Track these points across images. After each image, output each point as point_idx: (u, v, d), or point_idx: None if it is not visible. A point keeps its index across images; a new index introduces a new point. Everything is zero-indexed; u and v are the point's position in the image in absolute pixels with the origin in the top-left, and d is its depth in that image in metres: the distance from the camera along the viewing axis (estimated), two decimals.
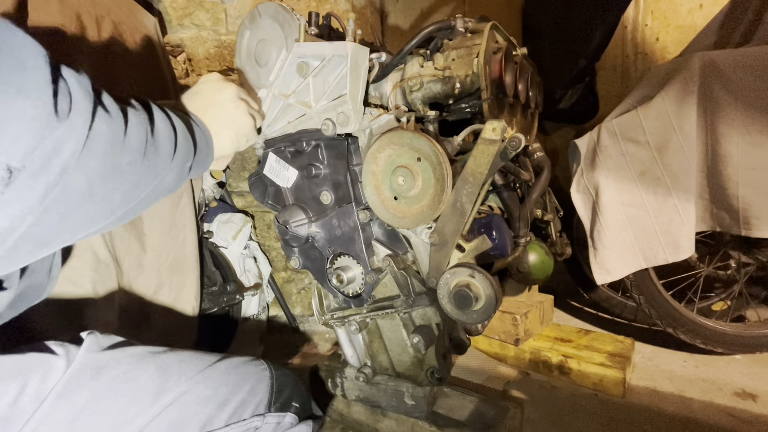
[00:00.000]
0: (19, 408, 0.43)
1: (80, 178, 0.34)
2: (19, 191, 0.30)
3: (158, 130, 0.44)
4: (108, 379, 0.48)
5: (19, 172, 0.30)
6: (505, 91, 0.79)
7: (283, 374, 0.59)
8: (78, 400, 0.46)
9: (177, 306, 1.09)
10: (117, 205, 0.40)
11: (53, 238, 0.35)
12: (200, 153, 0.54)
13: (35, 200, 0.31)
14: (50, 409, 0.44)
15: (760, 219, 1.08)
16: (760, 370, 1.25)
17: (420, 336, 0.76)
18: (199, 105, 0.61)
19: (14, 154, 0.30)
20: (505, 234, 0.82)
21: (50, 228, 0.34)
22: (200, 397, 0.51)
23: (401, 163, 0.70)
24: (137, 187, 0.42)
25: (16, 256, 0.34)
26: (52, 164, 0.32)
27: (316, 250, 0.86)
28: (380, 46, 0.90)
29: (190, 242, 1.12)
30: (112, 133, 0.37)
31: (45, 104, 0.31)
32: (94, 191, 0.36)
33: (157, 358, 0.53)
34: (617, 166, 1.22)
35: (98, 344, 0.51)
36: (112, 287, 0.91)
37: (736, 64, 1.08)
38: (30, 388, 0.44)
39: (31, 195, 0.31)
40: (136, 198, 0.42)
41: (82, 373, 0.47)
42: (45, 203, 0.32)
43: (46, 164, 0.31)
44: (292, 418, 0.55)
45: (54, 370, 0.46)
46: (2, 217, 0.30)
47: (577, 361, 1.21)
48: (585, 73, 1.79)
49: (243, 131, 0.65)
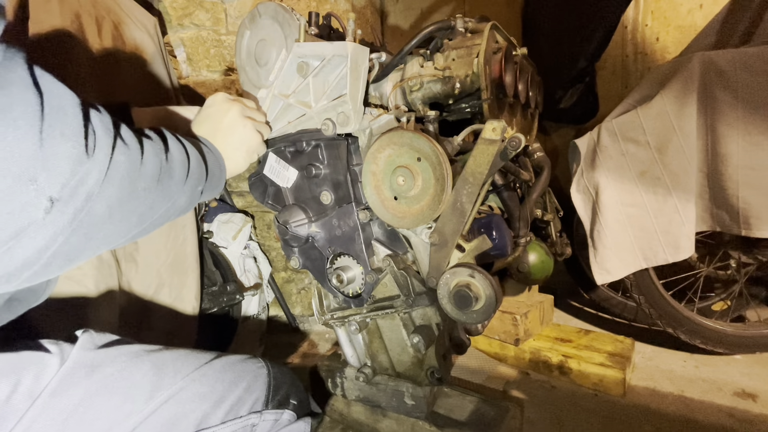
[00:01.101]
0: (12, 406, 0.43)
1: (102, 203, 0.39)
2: (54, 216, 0.35)
3: (172, 157, 0.49)
4: (102, 377, 0.48)
5: (57, 201, 0.35)
6: (505, 91, 0.79)
7: (281, 372, 0.59)
8: (72, 398, 0.46)
9: (177, 306, 1.09)
10: (133, 225, 0.45)
11: (78, 255, 0.40)
12: (212, 177, 0.58)
13: (65, 223, 0.37)
14: (43, 407, 0.44)
15: (760, 219, 1.08)
16: (760, 370, 1.25)
17: (420, 336, 0.76)
18: (208, 130, 0.65)
19: (54, 187, 0.35)
20: (505, 234, 0.82)
21: (77, 246, 0.39)
22: (196, 394, 0.51)
23: (401, 163, 0.70)
24: (152, 209, 0.46)
25: (48, 271, 0.38)
26: (79, 193, 0.37)
27: (316, 250, 0.86)
28: (380, 46, 0.90)
29: (190, 242, 1.12)
30: (129, 163, 0.42)
31: (80, 145, 0.36)
32: (113, 214, 0.41)
33: (152, 356, 0.53)
34: (617, 166, 1.22)
35: (93, 342, 0.52)
36: (113, 287, 0.91)
37: (736, 64, 1.08)
38: (23, 386, 0.44)
39: (62, 219, 0.36)
40: (150, 219, 0.47)
41: (76, 370, 0.48)
42: (73, 225, 0.37)
43: (74, 193, 0.36)
44: (290, 415, 0.56)
45: (48, 368, 0.47)
46: (40, 238, 0.35)
47: (577, 361, 1.21)
48: (585, 73, 1.79)
49: (253, 148, 0.70)
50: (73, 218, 0.37)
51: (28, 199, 0.34)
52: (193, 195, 0.54)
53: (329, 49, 0.73)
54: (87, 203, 0.38)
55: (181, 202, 0.51)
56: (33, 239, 0.35)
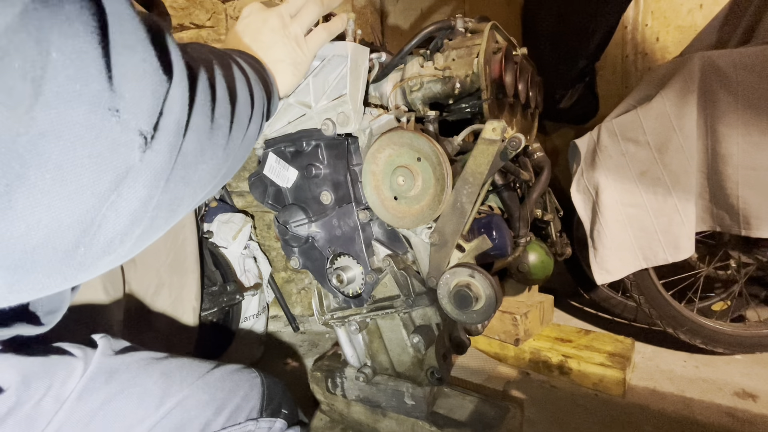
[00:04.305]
0: (42, 408, 0.44)
1: (192, 137, 0.32)
2: (150, 157, 0.28)
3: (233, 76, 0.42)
4: (119, 383, 0.50)
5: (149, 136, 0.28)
6: (505, 91, 0.79)
7: (273, 383, 0.61)
8: (94, 402, 0.47)
9: (177, 306, 1.09)
10: (221, 162, 0.38)
11: (179, 204, 0.34)
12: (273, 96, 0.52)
13: (163, 164, 0.30)
14: (71, 410, 0.46)
15: (760, 219, 1.08)
16: (760, 370, 1.25)
17: (420, 336, 0.76)
18: (248, 44, 0.56)
19: (142, 117, 0.27)
20: (505, 234, 0.82)
21: (177, 194, 0.33)
22: (200, 401, 0.53)
23: (401, 163, 0.70)
24: (232, 140, 0.40)
25: (156, 226, 0.32)
26: (169, 124, 0.29)
27: (316, 250, 0.86)
28: (380, 46, 0.90)
29: (190, 242, 1.12)
30: (204, 83, 0.34)
31: (152, 57, 0.28)
32: (204, 150, 0.34)
33: (160, 364, 0.55)
34: (617, 166, 1.22)
35: (111, 348, 0.54)
36: (119, 287, 0.92)
37: (736, 64, 1.08)
38: (53, 389, 0.46)
39: (159, 159, 0.29)
40: (232, 154, 0.41)
41: (98, 375, 0.49)
42: (170, 166, 0.30)
43: (165, 125, 0.29)
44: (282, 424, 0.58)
45: (74, 372, 0.48)
46: (140, 186, 0.28)
47: (577, 361, 1.21)
48: (585, 73, 1.79)
49: (300, 60, 0.61)
50: (169, 157, 0.30)
51: (115, 136, 0.26)
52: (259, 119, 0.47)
53: (329, 49, 0.73)
54: (178, 137, 0.31)
55: (252, 129, 0.45)
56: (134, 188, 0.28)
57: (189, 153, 0.32)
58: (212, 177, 0.38)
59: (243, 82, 0.44)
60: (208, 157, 0.36)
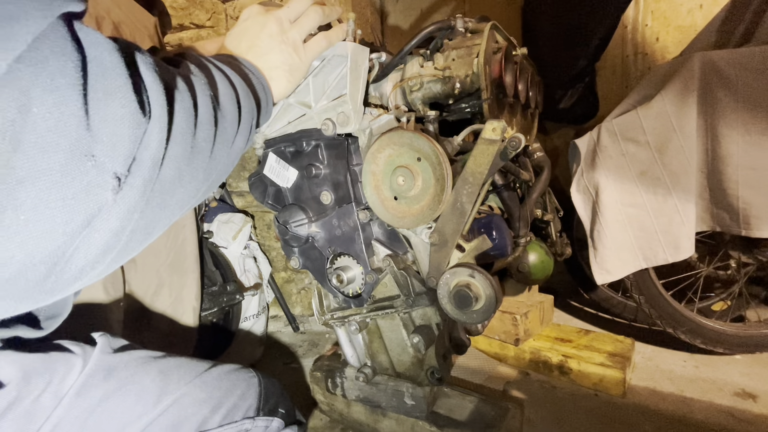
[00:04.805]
0: (41, 404, 0.44)
1: (170, 166, 0.34)
2: (124, 194, 0.30)
3: (221, 91, 0.43)
4: (117, 380, 0.51)
5: (123, 176, 0.30)
6: (505, 91, 0.79)
7: (270, 382, 0.62)
8: (92, 399, 0.48)
9: (177, 306, 1.09)
10: (201, 182, 0.40)
11: (156, 226, 0.36)
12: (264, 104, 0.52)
13: (137, 198, 0.32)
14: (69, 406, 0.46)
15: (760, 219, 1.08)
16: (760, 370, 1.25)
17: (420, 336, 0.76)
18: (245, 48, 0.57)
19: (117, 160, 0.29)
20: (505, 234, 0.82)
21: (153, 219, 0.35)
22: (197, 399, 0.53)
23: (401, 163, 0.70)
24: (214, 159, 0.41)
25: (130, 249, 0.35)
26: (144, 161, 0.31)
27: (316, 250, 0.86)
28: (380, 46, 0.90)
29: (190, 242, 1.12)
30: (185, 112, 0.36)
31: (131, 101, 0.30)
32: (182, 175, 0.36)
33: (158, 363, 0.55)
34: (617, 166, 1.22)
35: (110, 346, 0.54)
36: (119, 287, 0.92)
37: (736, 64, 1.08)
38: (53, 385, 0.46)
39: (133, 194, 0.31)
40: (214, 171, 0.42)
41: (96, 372, 0.50)
42: (145, 198, 0.33)
43: (140, 163, 0.31)
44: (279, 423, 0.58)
45: (73, 369, 0.49)
46: (114, 220, 0.30)
47: (577, 361, 1.21)
48: (585, 73, 1.79)
49: (296, 67, 0.61)
50: (143, 190, 0.32)
51: (90, 179, 0.28)
52: (247, 131, 0.48)
53: (329, 49, 0.73)
54: (153, 171, 0.32)
55: (238, 142, 0.46)
56: (107, 222, 0.30)
57: (166, 180, 0.34)
58: (191, 197, 0.40)
59: (230, 96, 0.45)
60: (186, 181, 0.37)
